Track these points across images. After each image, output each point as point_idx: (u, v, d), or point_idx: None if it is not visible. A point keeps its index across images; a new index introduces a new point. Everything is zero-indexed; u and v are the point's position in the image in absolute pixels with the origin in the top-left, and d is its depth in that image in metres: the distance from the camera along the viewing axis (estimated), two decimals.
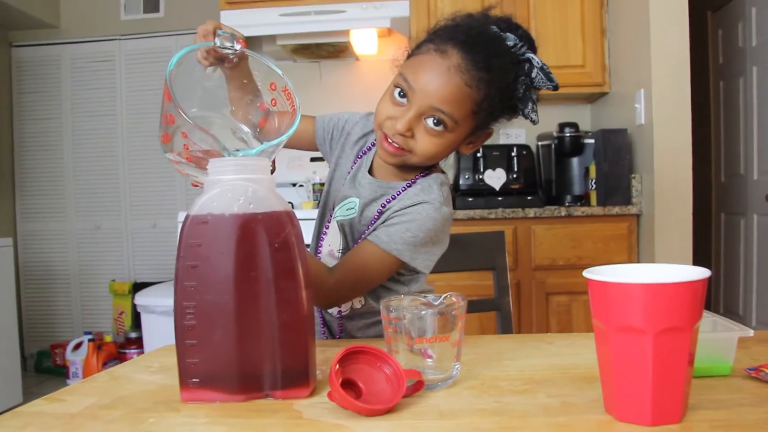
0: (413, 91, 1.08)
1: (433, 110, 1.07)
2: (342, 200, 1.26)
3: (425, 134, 1.09)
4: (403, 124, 1.08)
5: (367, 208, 1.22)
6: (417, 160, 1.13)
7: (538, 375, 0.85)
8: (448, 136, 1.10)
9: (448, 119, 1.07)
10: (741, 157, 3.83)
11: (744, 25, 3.74)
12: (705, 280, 0.65)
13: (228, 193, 0.76)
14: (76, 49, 4.41)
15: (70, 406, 0.77)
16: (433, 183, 1.19)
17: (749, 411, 0.68)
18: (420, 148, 1.11)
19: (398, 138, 1.10)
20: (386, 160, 1.16)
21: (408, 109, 1.08)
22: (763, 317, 3.57)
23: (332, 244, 1.25)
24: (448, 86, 1.06)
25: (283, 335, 0.75)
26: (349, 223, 1.23)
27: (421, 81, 1.07)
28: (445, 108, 1.06)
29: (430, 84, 1.06)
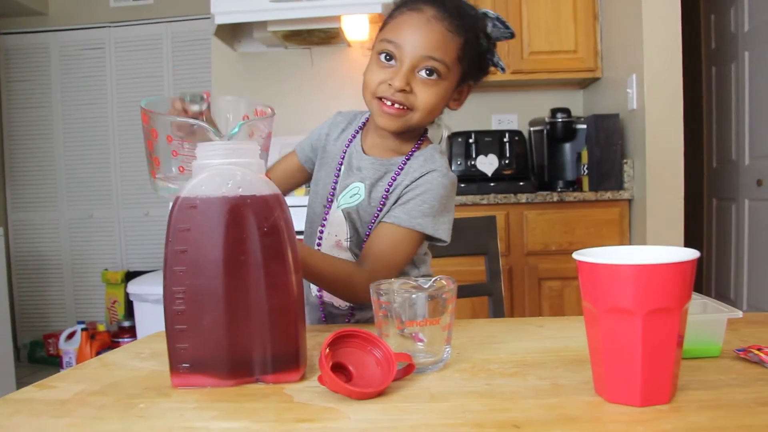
0: (400, 49, 1.12)
1: (425, 59, 1.12)
2: (344, 188, 1.25)
3: (422, 86, 1.13)
4: (400, 79, 1.11)
5: (375, 189, 1.23)
6: (419, 116, 1.16)
7: (529, 358, 0.85)
8: (442, 84, 1.15)
9: (440, 65, 1.12)
10: (732, 143, 3.84)
11: (736, 10, 3.74)
12: (694, 261, 0.65)
13: (216, 177, 0.75)
14: (65, 36, 4.38)
15: (60, 392, 0.76)
16: (434, 152, 1.24)
17: (737, 391, 0.69)
18: (421, 101, 1.14)
19: (398, 96, 1.13)
20: (388, 126, 1.17)
21: (400, 66, 1.12)
22: (754, 301, 3.59)
23: (339, 234, 1.24)
24: (432, 34, 1.12)
25: (272, 319, 0.75)
26: (356, 210, 1.23)
27: (406, 37, 1.12)
28: (435, 54, 1.12)
29: (416, 36, 1.12)
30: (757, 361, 0.78)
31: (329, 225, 1.26)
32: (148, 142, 0.98)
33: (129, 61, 4.37)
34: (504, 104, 3.64)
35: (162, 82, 4.34)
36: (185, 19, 4.28)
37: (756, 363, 0.78)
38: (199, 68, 4.25)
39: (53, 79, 4.40)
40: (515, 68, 3.23)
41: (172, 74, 4.34)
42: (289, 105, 3.68)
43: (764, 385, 0.70)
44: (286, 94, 3.70)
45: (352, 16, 3.22)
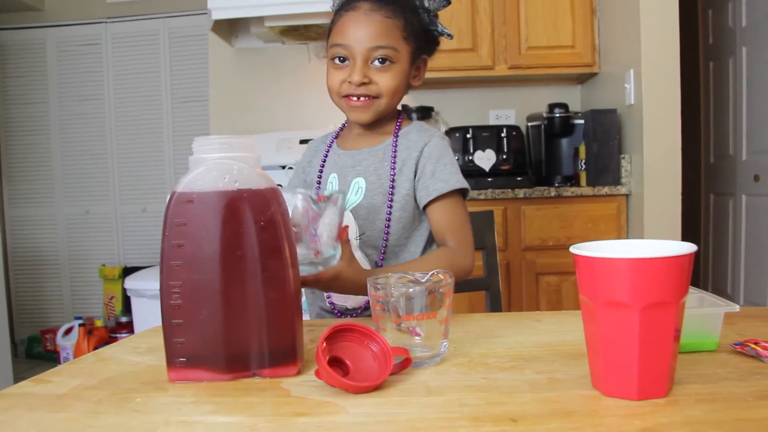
0: (349, 48, 1.22)
1: (374, 50, 1.21)
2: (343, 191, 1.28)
3: (379, 73, 1.23)
4: (357, 74, 1.21)
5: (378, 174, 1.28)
6: (385, 100, 1.25)
7: (526, 352, 0.85)
8: (397, 67, 1.24)
9: (389, 51, 1.22)
10: (730, 138, 3.84)
11: (734, 6, 3.73)
12: (691, 255, 0.65)
13: (213, 171, 0.75)
14: (61, 32, 4.37)
15: (56, 387, 0.76)
16: (420, 124, 1.35)
17: (734, 385, 0.69)
18: (383, 87, 1.23)
19: (361, 89, 1.22)
20: (362, 118, 1.27)
21: (353, 63, 1.22)
22: (751, 296, 3.59)
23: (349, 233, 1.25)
24: (373, 25, 1.21)
25: (269, 314, 0.75)
26: (359, 205, 1.27)
27: (350, 36, 1.21)
28: (381, 42, 1.21)
29: (359, 32, 1.21)
30: (754, 355, 0.78)
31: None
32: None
33: (126, 57, 4.36)
34: (501, 99, 3.64)
35: (159, 78, 4.33)
36: (182, 14, 4.27)
37: (753, 357, 0.78)
38: (196, 64, 4.24)
39: (50, 75, 4.39)
40: (513, 63, 3.22)
41: (169, 70, 4.33)
42: (287, 101, 3.68)
43: (761, 378, 0.71)
44: (283, 90, 3.69)
45: None
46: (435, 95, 3.56)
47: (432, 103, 3.38)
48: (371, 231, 1.26)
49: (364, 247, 1.26)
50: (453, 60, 3.17)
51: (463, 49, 3.18)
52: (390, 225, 1.26)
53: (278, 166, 3.30)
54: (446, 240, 1.24)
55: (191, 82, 4.28)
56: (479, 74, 3.28)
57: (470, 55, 3.22)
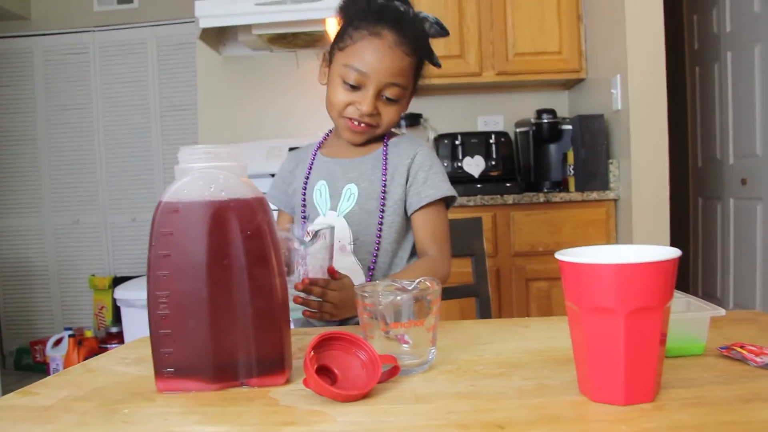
0: (365, 75, 1.22)
1: (389, 86, 1.24)
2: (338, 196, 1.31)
3: (386, 107, 1.26)
4: (368, 105, 1.23)
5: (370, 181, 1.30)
6: (382, 130, 1.30)
7: (514, 358, 0.85)
8: (402, 103, 1.29)
9: (401, 89, 1.25)
10: (717, 142, 3.87)
11: (719, 11, 3.77)
12: (675, 260, 0.65)
13: (199, 180, 0.75)
14: (48, 41, 4.35)
15: (43, 398, 0.76)
16: (409, 135, 1.40)
17: (720, 389, 0.69)
18: (385, 121, 1.27)
19: (366, 118, 1.25)
20: (356, 141, 1.31)
21: (366, 91, 1.23)
22: (740, 300, 3.61)
23: (342, 239, 1.29)
24: (395, 61, 1.23)
25: (257, 323, 0.75)
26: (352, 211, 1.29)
27: (370, 63, 1.22)
28: (398, 81, 1.24)
29: (380, 64, 1.22)
30: (740, 358, 0.78)
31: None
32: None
33: (114, 66, 4.34)
34: (490, 106, 3.65)
35: (147, 87, 4.33)
36: (170, 23, 4.26)
37: (739, 360, 0.79)
38: (184, 72, 4.23)
39: (37, 84, 4.37)
40: (500, 69, 3.24)
41: (157, 78, 4.32)
42: (275, 108, 3.68)
43: (747, 382, 0.71)
44: (271, 98, 3.69)
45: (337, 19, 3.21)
46: (423, 102, 3.57)
47: (420, 110, 3.39)
48: (365, 237, 1.28)
49: (358, 253, 1.28)
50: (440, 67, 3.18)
51: (450, 55, 3.19)
52: (382, 229, 1.28)
53: (267, 174, 3.30)
54: (428, 246, 1.28)
55: (179, 90, 4.27)
56: (467, 81, 3.29)
57: (458, 62, 3.23)
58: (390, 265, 1.32)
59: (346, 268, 1.25)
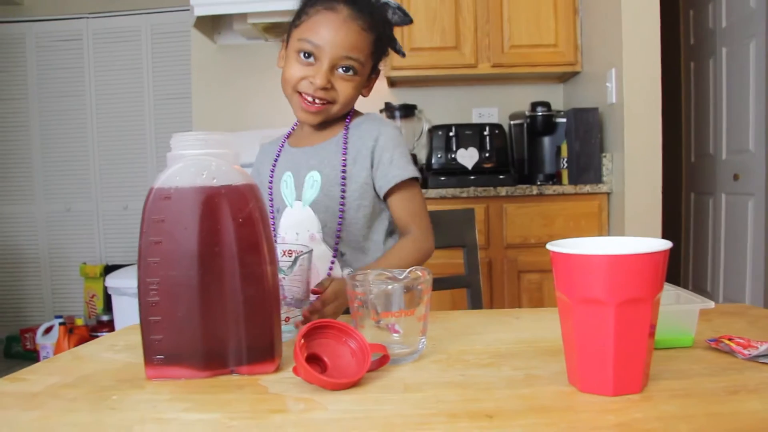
0: (319, 48, 1.20)
1: (343, 58, 1.21)
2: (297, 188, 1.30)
3: (341, 81, 1.23)
4: (321, 78, 1.21)
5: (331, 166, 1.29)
6: (338, 108, 1.27)
7: (504, 348, 0.86)
8: (357, 79, 1.25)
9: (357, 63, 1.23)
10: (710, 137, 3.88)
11: (715, 7, 3.77)
12: (665, 252, 0.65)
13: (191, 167, 0.75)
14: (41, 27, 4.32)
15: (32, 385, 0.76)
16: (373, 114, 1.38)
17: (708, 380, 0.70)
18: (341, 95, 1.24)
19: (320, 92, 1.22)
20: (310, 120, 1.29)
21: (320, 65, 1.21)
22: (730, 294, 3.63)
23: (311, 228, 1.28)
24: (349, 34, 1.21)
25: (247, 310, 0.75)
26: (317, 199, 1.28)
27: (324, 36, 1.20)
28: (352, 54, 1.21)
29: (334, 36, 1.20)
30: (728, 351, 0.79)
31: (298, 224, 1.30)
32: None
33: (107, 53, 4.32)
34: (484, 98, 3.65)
35: (141, 74, 4.30)
36: (164, 10, 4.23)
37: (727, 353, 0.79)
38: (178, 60, 4.21)
39: (29, 71, 4.34)
40: (496, 62, 3.23)
41: (151, 66, 4.29)
42: (269, 98, 3.66)
43: (734, 374, 0.71)
44: (265, 87, 3.67)
45: None
46: (418, 93, 3.57)
47: (415, 101, 3.38)
48: (332, 223, 1.27)
49: (327, 240, 1.27)
50: (436, 58, 3.18)
51: (446, 47, 3.18)
52: (344, 215, 1.27)
53: None
54: (410, 226, 1.28)
55: (173, 78, 4.25)
56: (462, 72, 3.29)
57: (453, 54, 3.22)
58: (363, 251, 1.30)
59: (318, 255, 1.25)
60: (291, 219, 1.30)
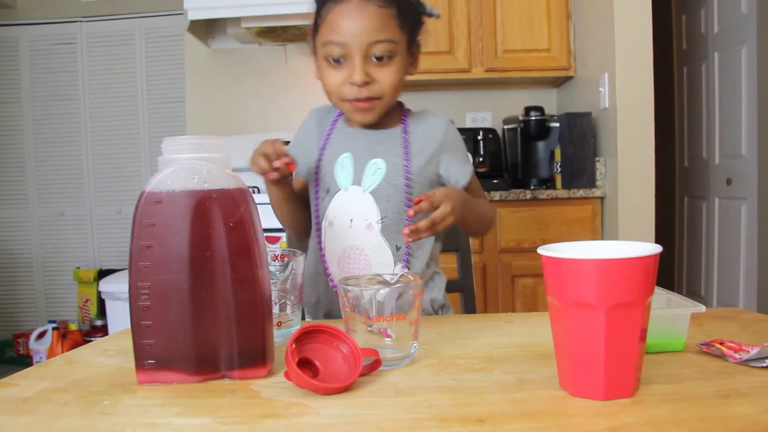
0: (345, 45, 1.14)
1: (372, 45, 1.13)
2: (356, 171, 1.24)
3: (380, 70, 1.16)
4: (358, 74, 1.13)
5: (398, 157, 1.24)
6: (387, 98, 1.20)
7: (496, 353, 0.86)
8: (396, 59, 1.17)
9: (388, 44, 1.14)
10: (703, 142, 3.90)
11: (707, 12, 3.79)
12: (656, 256, 0.66)
13: (182, 171, 0.75)
14: (35, 30, 4.31)
15: (23, 390, 0.75)
16: (429, 110, 1.33)
17: (699, 384, 0.70)
18: (385, 85, 1.16)
19: (364, 91, 1.15)
20: (365, 120, 1.22)
21: (351, 61, 1.15)
22: (724, 298, 3.65)
23: (368, 217, 1.22)
24: (368, 18, 1.13)
25: (239, 315, 0.75)
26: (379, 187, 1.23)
27: (344, 31, 1.13)
28: (379, 36, 1.13)
29: (353, 26, 1.13)
30: (719, 355, 0.79)
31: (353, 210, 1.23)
32: None
33: (101, 57, 4.31)
34: (478, 102, 3.66)
35: (135, 78, 4.29)
36: (158, 14, 4.23)
37: (718, 357, 0.79)
38: (172, 64, 4.20)
39: (23, 74, 4.32)
40: (489, 66, 3.24)
41: (145, 70, 4.29)
42: (263, 102, 3.67)
43: (725, 378, 0.72)
44: (259, 91, 3.68)
45: None
46: (411, 97, 3.54)
47: (408, 106, 3.38)
48: (392, 214, 1.22)
49: (385, 231, 1.22)
50: (429, 62, 3.18)
51: (439, 51, 3.19)
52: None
53: None
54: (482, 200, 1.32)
55: (167, 82, 4.25)
56: (456, 77, 3.30)
57: (447, 58, 3.23)
58: (418, 244, 1.25)
59: (374, 248, 1.21)
60: (345, 204, 1.24)
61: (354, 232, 1.22)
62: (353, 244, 1.23)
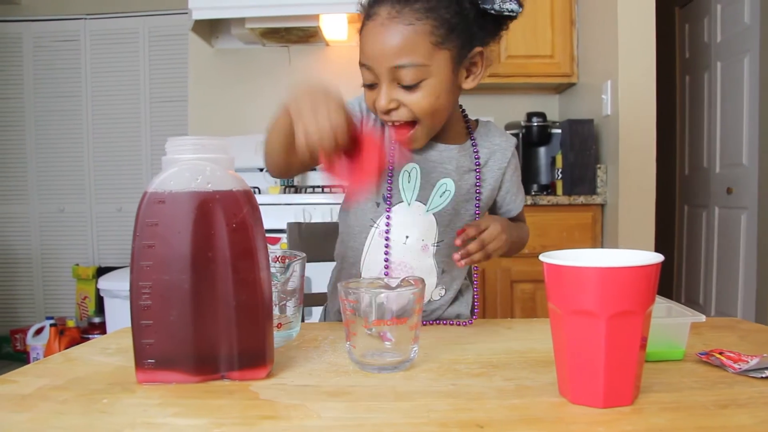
0: (371, 69, 1.03)
1: (395, 70, 1.01)
2: (423, 188, 1.16)
3: (408, 95, 1.02)
4: (383, 98, 1.03)
5: (464, 180, 1.19)
6: (428, 122, 1.06)
7: (495, 359, 0.86)
8: (429, 82, 1.02)
9: (414, 69, 1.00)
10: (704, 151, 3.90)
11: (710, 21, 3.80)
12: (658, 265, 0.66)
13: (186, 172, 0.75)
14: (38, 27, 4.31)
15: (21, 387, 0.75)
16: (493, 124, 1.28)
17: (698, 394, 0.70)
18: (414, 109, 1.03)
19: (392, 115, 1.05)
20: (410, 146, 1.11)
21: (379, 86, 1.04)
22: (722, 307, 3.65)
23: (426, 239, 1.17)
24: (391, 37, 1.00)
25: (239, 316, 0.75)
26: (444, 210, 1.17)
27: (369, 53, 1.02)
28: (403, 60, 1.00)
29: (377, 48, 1.01)
30: (719, 364, 0.79)
31: (411, 227, 1.16)
32: None
33: (104, 55, 4.31)
34: (480, 107, 3.66)
35: (138, 77, 4.30)
36: (162, 13, 4.23)
37: (717, 366, 0.79)
38: (175, 64, 4.21)
39: (26, 70, 4.33)
40: (492, 71, 3.23)
41: (148, 69, 4.29)
42: (266, 103, 3.66)
43: (724, 387, 0.72)
44: (262, 92, 3.68)
45: (331, 15, 3.21)
46: None
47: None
48: (449, 239, 1.17)
49: (438, 255, 1.18)
50: None
51: None
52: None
53: (256, 169, 3.30)
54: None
55: (170, 81, 4.25)
56: None
57: None
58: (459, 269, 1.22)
59: (423, 269, 1.16)
60: (404, 218, 1.16)
61: (406, 249, 1.16)
62: (402, 261, 1.17)
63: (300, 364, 0.84)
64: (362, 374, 0.79)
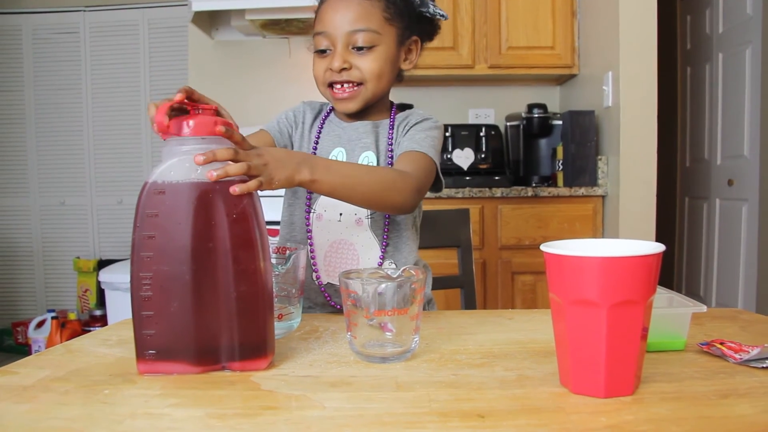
0: (329, 35, 1.18)
1: (351, 34, 1.17)
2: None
3: (360, 58, 1.18)
4: (337, 59, 1.17)
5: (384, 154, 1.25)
6: (371, 85, 1.20)
7: (496, 349, 0.86)
8: (379, 50, 1.19)
9: (368, 34, 1.17)
10: (705, 142, 3.89)
11: (711, 13, 3.78)
12: (659, 255, 0.66)
13: (186, 162, 0.74)
14: (38, 19, 4.30)
15: (23, 378, 0.75)
16: (417, 110, 1.31)
17: (699, 384, 0.70)
18: (365, 71, 1.18)
19: (343, 75, 1.18)
20: (349, 108, 1.23)
21: (334, 50, 1.18)
22: (722, 298, 3.65)
23: (358, 211, 1.22)
24: (351, 9, 1.17)
25: (240, 307, 0.75)
26: None
27: (329, 22, 1.17)
28: (358, 26, 1.16)
29: (335, 18, 1.17)
30: (720, 355, 0.79)
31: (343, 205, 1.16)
32: None
33: (104, 47, 4.30)
34: (481, 98, 3.66)
35: (138, 69, 4.29)
36: (162, 5, 4.22)
37: (718, 357, 0.79)
38: (175, 55, 4.20)
39: (25, 63, 4.32)
40: (493, 63, 3.24)
41: (148, 61, 4.28)
42: (266, 95, 3.67)
43: (725, 377, 0.72)
44: (262, 84, 3.67)
45: None
46: (414, 93, 3.57)
47: (411, 101, 3.38)
48: (377, 214, 1.22)
49: (374, 227, 1.23)
50: (433, 58, 3.18)
51: (443, 47, 3.18)
52: None
53: None
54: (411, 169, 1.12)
55: (170, 73, 4.24)
56: (459, 73, 3.29)
57: (451, 54, 3.23)
58: (403, 239, 1.25)
59: (362, 244, 1.22)
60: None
61: (343, 226, 1.23)
62: (342, 238, 1.23)
63: (301, 355, 0.84)
64: (363, 365, 0.79)
